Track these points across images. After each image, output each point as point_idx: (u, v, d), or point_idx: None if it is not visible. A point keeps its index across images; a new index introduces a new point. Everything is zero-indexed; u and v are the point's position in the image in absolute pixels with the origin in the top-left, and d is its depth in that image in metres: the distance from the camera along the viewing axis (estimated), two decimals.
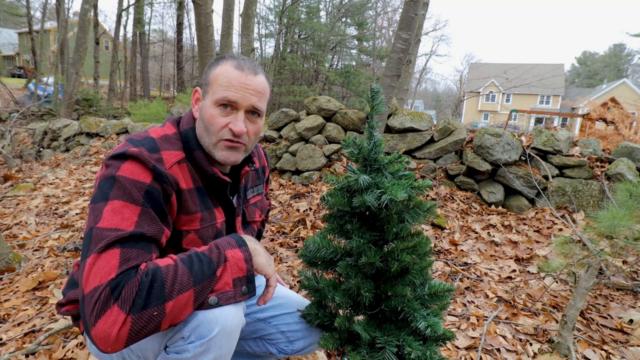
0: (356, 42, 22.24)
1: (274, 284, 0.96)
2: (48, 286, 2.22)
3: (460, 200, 3.59)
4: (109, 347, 0.71)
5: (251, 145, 1.01)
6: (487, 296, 2.18)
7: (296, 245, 2.86)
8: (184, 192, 0.92)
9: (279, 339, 1.17)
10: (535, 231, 3.15)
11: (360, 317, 1.05)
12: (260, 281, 1.26)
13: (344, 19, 20.33)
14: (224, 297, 0.83)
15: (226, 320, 0.83)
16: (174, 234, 0.93)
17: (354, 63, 22.21)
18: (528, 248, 2.86)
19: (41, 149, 7.04)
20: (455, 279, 2.38)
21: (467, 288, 2.27)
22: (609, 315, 1.96)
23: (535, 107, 34.99)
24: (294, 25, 18.19)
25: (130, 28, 19.46)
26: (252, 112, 0.97)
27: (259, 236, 1.45)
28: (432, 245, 2.86)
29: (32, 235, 3.06)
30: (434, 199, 3.57)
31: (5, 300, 2.07)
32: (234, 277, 0.84)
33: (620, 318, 1.92)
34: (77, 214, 3.59)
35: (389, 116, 4.13)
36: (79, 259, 0.86)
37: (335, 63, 22.77)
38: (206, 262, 0.81)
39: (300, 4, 18.20)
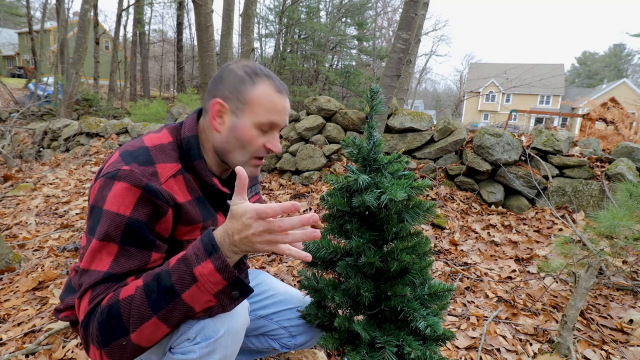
0: (356, 42, 22.24)
1: (280, 249, 0.77)
2: (48, 286, 2.22)
3: (460, 200, 3.59)
4: None
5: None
6: (487, 296, 2.18)
7: None
8: (183, 205, 0.90)
9: (281, 334, 1.19)
10: (535, 231, 3.15)
11: (360, 317, 1.05)
12: (259, 279, 1.26)
13: (344, 19, 20.33)
14: (213, 312, 0.80)
15: (232, 320, 0.84)
16: (175, 245, 0.92)
17: (354, 63, 22.21)
18: (528, 248, 2.86)
19: (41, 149, 7.04)
20: (455, 279, 2.38)
21: (467, 288, 2.27)
22: (609, 315, 1.96)
23: (535, 107, 34.99)
24: (294, 25, 18.20)
25: (130, 28, 19.46)
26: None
27: None
28: (432, 245, 2.86)
29: (32, 235, 3.06)
30: (433, 199, 3.57)
31: (5, 300, 2.07)
32: (214, 293, 0.77)
33: (620, 318, 1.92)
34: (77, 214, 3.59)
35: (389, 116, 4.13)
36: (77, 261, 0.88)
37: (335, 63, 22.77)
38: (166, 288, 0.76)
39: (300, 4, 18.20)
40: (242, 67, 0.94)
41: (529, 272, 2.50)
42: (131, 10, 17.78)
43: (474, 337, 1.78)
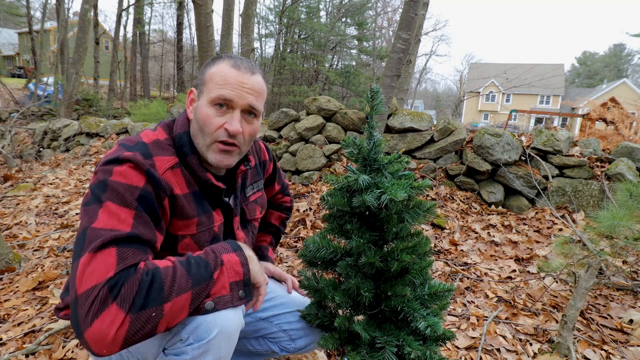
0: (356, 42, 22.23)
1: (263, 292, 0.96)
2: (48, 286, 2.22)
3: (460, 200, 3.59)
4: (105, 348, 0.68)
5: (246, 147, 0.99)
6: (487, 296, 2.18)
7: (296, 245, 2.86)
8: (179, 197, 0.91)
9: (281, 337, 1.18)
10: (535, 231, 3.15)
11: (360, 317, 1.05)
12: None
13: (344, 19, 20.32)
14: (221, 301, 0.82)
15: (225, 322, 0.83)
16: (169, 239, 0.92)
17: (354, 63, 22.20)
18: (528, 248, 2.86)
19: (41, 149, 7.04)
20: (455, 279, 2.38)
21: (467, 288, 2.27)
22: (609, 315, 1.96)
23: (535, 107, 34.99)
24: (294, 25, 18.18)
25: (130, 28, 19.46)
26: (249, 112, 0.96)
27: (277, 237, 1.44)
28: (432, 245, 2.86)
29: (32, 235, 3.06)
30: (434, 199, 3.57)
31: (5, 300, 2.07)
32: (231, 281, 0.83)
33: (620, 318, 1.92)
34: (77, 213, 3.58)
35: (389, 116, 4.13)
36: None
37: (335, 63, 22.75)
38: (203, 264, 0.80)
39: (300, 4, 18.19)
40: (213, 57, 0.98)
41: (529, 272, 2.50)
42: (131, 10, 17.78)
43: (474, 337, 1.78)
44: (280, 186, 1.41)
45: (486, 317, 1.94)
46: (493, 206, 3.57)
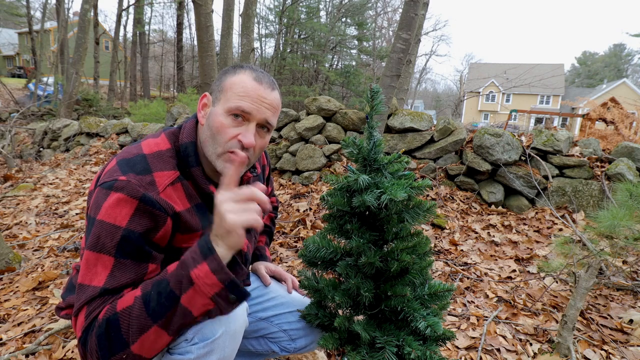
0: (356, 42, 22.23)
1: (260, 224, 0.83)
2: (48, 286, 2.22)
3: (460, 200, 3.59)
4: None
5: (254, 159, 0.98)
6: (487, 296, 2.18)
7: (296, 245, 2.86)
8: (182, 213, 0.89)
9: (281, 338, 1.18)
10: (535, 231, 3.15)
11: (360, 317, 1.05)
12: (261, 281, 1.26)
13: (344, 19, 20.33)
14: (212, 314, 0.81)
15: (230, 321, 0.83)
16: (173, 252, 0.91)
17: (354, 63, 22.19)
18: (528, 248, 2.86)
19: (41, 149, 7.04)
20: (455, 279, 2.38)
21: (467, 288, 2.27)
22: (609, 315, 1.96)
23: (535, 107, 34.98)
24: (294, 25, 18.19)
25: (130, 28, 19.48)
26: (263, 127, 0.95)
27: (270, 236, 1.45)
28: (432, 245, 2.86)
29: (32, 235, 3.06)
30: (434, 199, 3.57)
31: (5, 300, 2.07)
32: (211, 296, 0.77)
33: (620, 318, 1.92)
34: (77, 214, 3.59)
35: (389, 116, 4.13)
36: (78, 260, 0.87)
37: (335, 63, 22.75)
38: (165, 294, 0.76)
39: (300, 4, 18.20)
40: (233, 64, 0.97)
41: (529, 272, 2.50)
42: (131, 10, 17.79)
43: (474, 337, 1.78)
44: (271, 188, 1.44)
45: (486, 317, 1.94)
46: (493, 206, 3.57)
